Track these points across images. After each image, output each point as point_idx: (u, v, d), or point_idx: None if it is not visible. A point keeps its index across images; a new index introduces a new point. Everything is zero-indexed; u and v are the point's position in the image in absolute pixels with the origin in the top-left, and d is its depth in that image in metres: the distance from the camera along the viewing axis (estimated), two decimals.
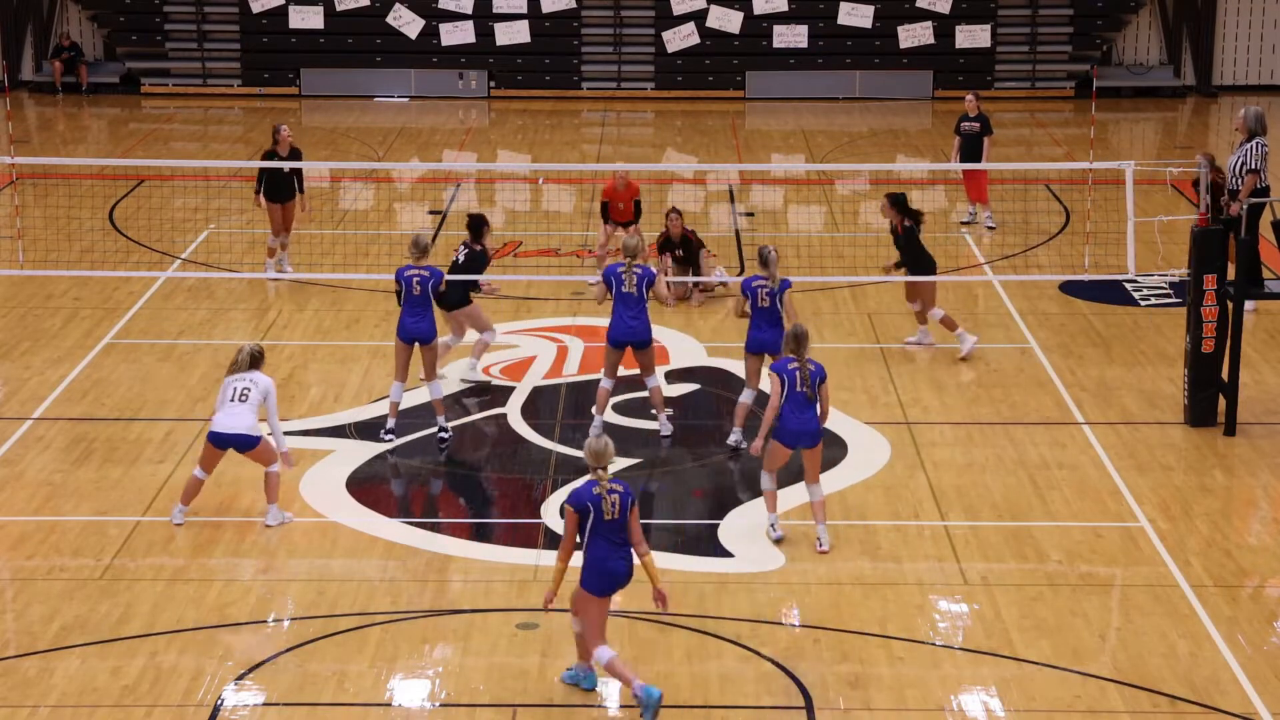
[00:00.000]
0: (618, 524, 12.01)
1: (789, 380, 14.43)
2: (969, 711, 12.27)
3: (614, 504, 11.98)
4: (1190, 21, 36.51)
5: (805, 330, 14.59)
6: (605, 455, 12.03)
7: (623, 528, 12.03)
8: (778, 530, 14.85)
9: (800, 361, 14.45)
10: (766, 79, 35.85)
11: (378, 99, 35.70)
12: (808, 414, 14.46)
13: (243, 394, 14.65)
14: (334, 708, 12.27)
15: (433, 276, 16.95)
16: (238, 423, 14.61)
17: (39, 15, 36.63)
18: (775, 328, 16.52)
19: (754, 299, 16.63)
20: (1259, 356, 19.53)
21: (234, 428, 14.61)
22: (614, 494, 11.99)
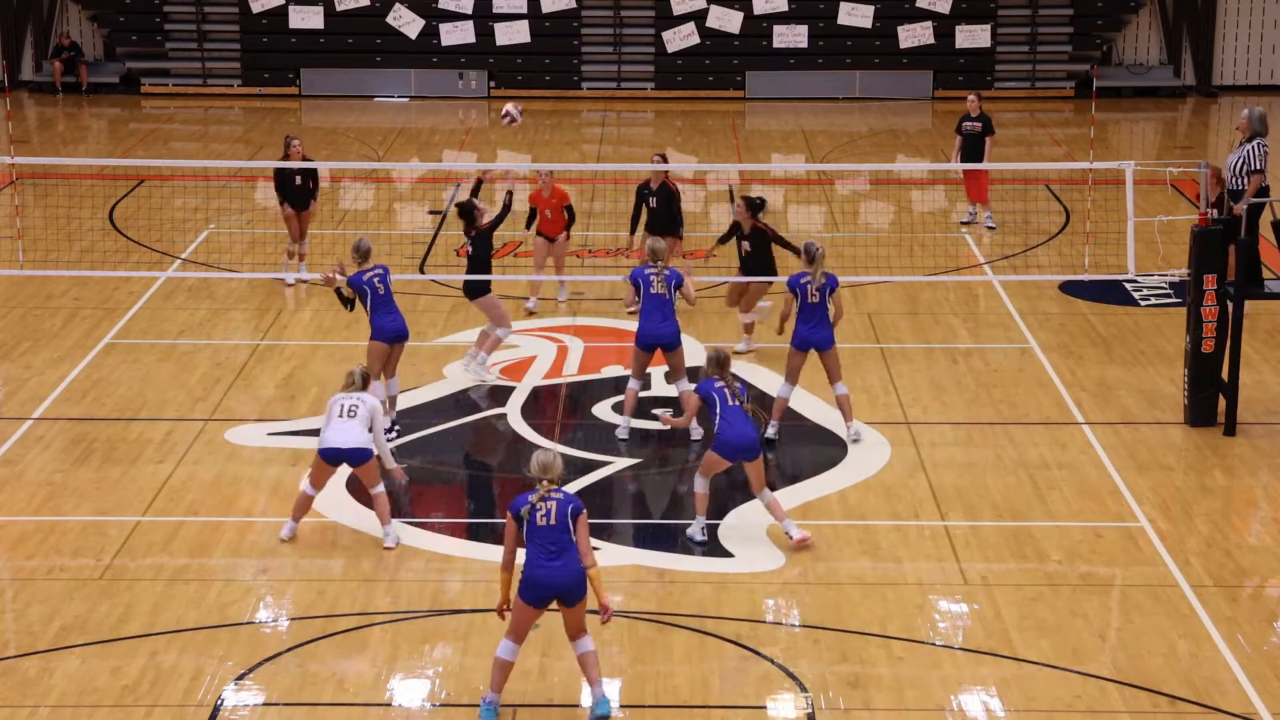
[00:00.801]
0: (552, 531, 11.73)
1: (719, 397, 14.54)
2: (969, 711, 12.27)
3: (549, 510, 11.77)
4: (1190, 21, 36.52)
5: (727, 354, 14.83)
6: (552, 469, 11.89)
7: (557, 535, 11.74)
8: (703, 534, 14.86)
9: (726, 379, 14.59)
10: (766, 79, 35.85)
11: (378, 99, 35.70)
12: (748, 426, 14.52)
13: (351, 410, 14.54)
14: (334, 708, 12.27)
15: (385, 271, 17.13)
16: (350, 437, 14.47)
17: (39, 15, 36.63)
18: (824, 324, 16.65)
19: (803, 295, 16.68)
20: (1259, 356, 19.53)
21: (347, 442, 14.46)
22: (550, 500, 11.79)
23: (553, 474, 11.90)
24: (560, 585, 11.80)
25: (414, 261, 23.56)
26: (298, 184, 21.90)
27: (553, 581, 11.79)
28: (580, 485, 16.06)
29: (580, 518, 11.85)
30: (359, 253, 17.07)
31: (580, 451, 16.92)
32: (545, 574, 11.78)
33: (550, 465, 11.91)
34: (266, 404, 18.13)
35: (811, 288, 16.64)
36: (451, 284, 21.95)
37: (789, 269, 18.25)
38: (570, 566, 11.79)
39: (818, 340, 16.74)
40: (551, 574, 11.78)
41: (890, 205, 27.33)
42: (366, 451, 14.51)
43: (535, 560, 11.82)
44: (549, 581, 11.79)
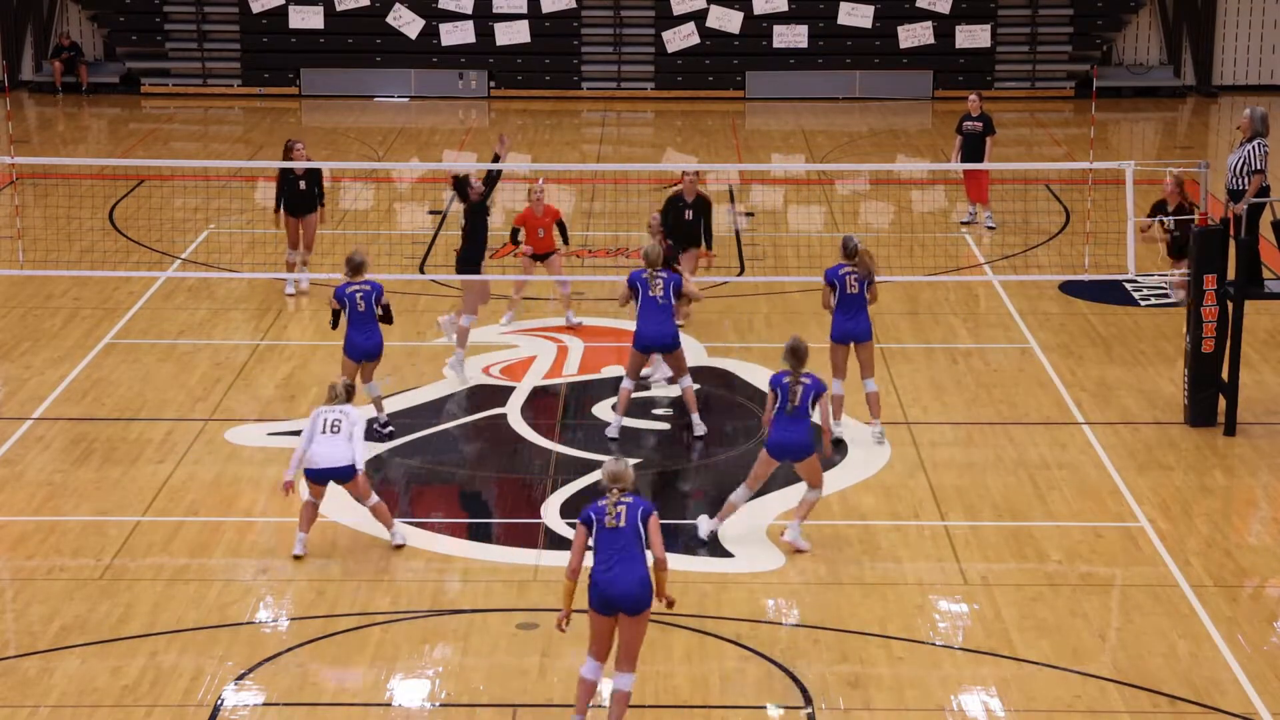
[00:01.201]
0: (620, 533, 11.45)
1: (782, 393, 14.46)
2: (969, 711, 12.27)
3: (618, 514, 11.50)
4: (1190, 21, 36.51)
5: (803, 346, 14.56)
6: (623, 478, 11.62)
7: (627, 539, 11.45)
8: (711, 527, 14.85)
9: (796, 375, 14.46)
10: (766, 79, 35.85)
11: (378, 99, 35.70)
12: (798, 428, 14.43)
13: (334, 425, 14.24)
14: (334, 708, 12.27)
15: (374, 290, 16.74)
16: (335, 454, 14.21)
17: (39, 15, 36.63)
18: (863, 316, 16.70)
19: (841, 287, 16.71)
20: (1259, 356, 19.53)
21: (332, 460, 14.21)
22: (621, 505, 11.54)
23: (624, 482, 11.58)
24: (624, 591, 11.42)
25: (414, 261, 23.56)
26: (301, 189, 21.54)
27: (616, 586, 11.43)
28: (580, 485, 16.06)
29: (651, 519, 11.53)
30: (349, 265, 16.88)
31: (580, 451, 16.92)
32: (609, 578, 11.43)
33: (621, 474, 11.59)
34: (266, 404, 18.13)
35: (851, 279, 16.66)
36: (451, 284, 21.94)
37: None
38: (636, 571, 11.41)
39: (857, 332, 16.78)
40: (616, 578, 11.42)
41: (890, 205, 27.33)
42: (351, 469, 14.26)
43: (600, 564, 11.49)
44: (613, 586, 11.43)
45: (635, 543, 11.47)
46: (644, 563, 11.49)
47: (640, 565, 11.46)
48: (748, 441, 17.27)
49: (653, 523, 11.54)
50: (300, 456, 14.29)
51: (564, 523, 15.29)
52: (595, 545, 11.55)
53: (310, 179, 21.49)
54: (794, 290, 21.57)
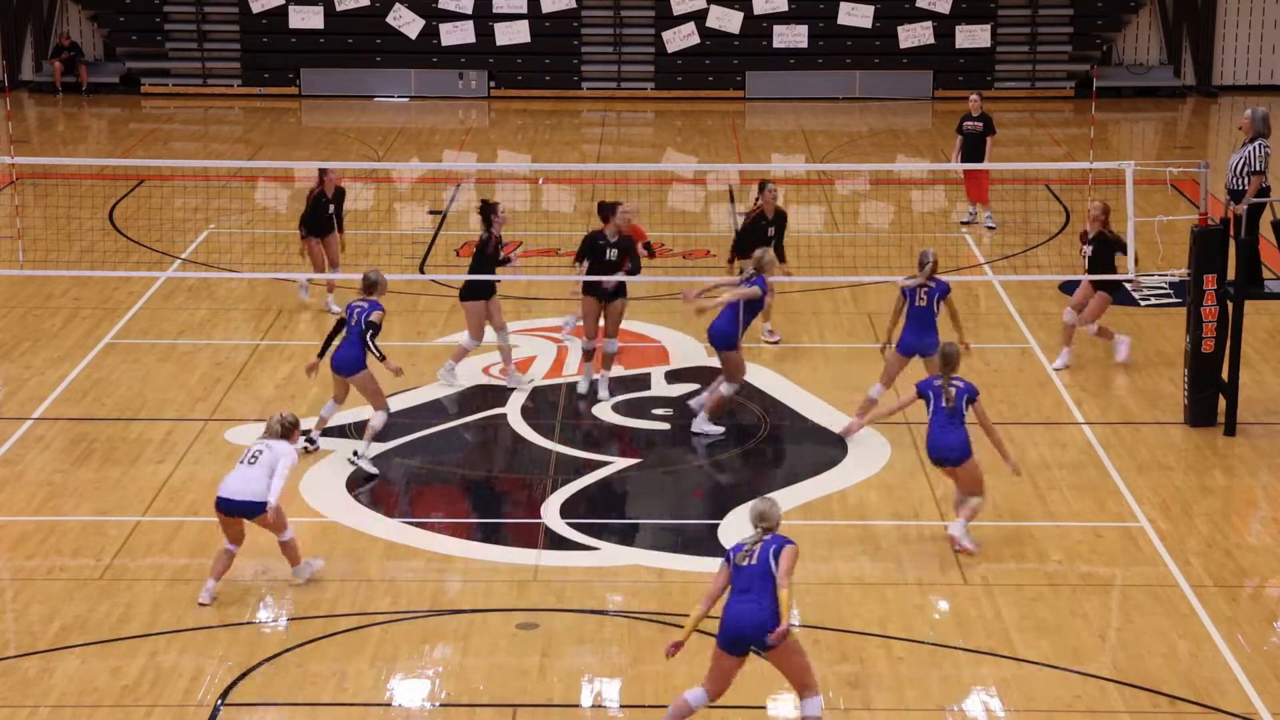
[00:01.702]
0: (751, 571, 11.28)
1: (934, 395, 14.48)
2: (969, 711, 12.27)
3: (752, 551, 11.34)
4: (1190, 21, 36.52)
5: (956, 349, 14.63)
6: (768, 517, 11.49)
7: (755, 575, 11.27)
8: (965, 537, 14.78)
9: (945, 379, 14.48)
10: (766, 79, 35.85)
11: (378, 99, 35.70)
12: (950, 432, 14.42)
13: (253, 456, 13.68)
14: (334, 708, 12.27)
15: (367, 309, 16.27)
16: (244, 488, 13.56)
17: (39, 15, 36.63)
18: (930, 330, 16.77)
19: (911, 298, 16.81)
20: (1259, 356, 19.53)
21: (239, 494, 13.55)
22: (759, 543, 11.38)
23: (769, 522, 11.45)
24: (745, 625, 11.27)
25: (414, 261, 23.56)
26: (330, 213, 20.66)
27: (738, 621, 11.28)
28: (580, 485, 16.07)
29: (785, 551, 11.31)
30: (364, 283, 16.54)
31: (580, 451, 16.93)
32: (733, 614, 11.31)
33: (766, 514, 11.48)
34: (266, 404, 18.12)
35: (921, 291, 16.72)
36: (451, 284, 21.94)
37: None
38: (757, 608, 11.24)
39: (921, 346, 16.84)
40: (738, 614, 11.29)
41: (890, 205, 27.33)
42: (257, 505, 13.51)
43: (729, 600, 11.36)
44: (735, 621, 11.29)
45: (763, 580, 11.29)
46: (771, 598, 11.25)
47: (766, 601, 11.26)
48: (748, 442, 17.28)
49: (785, 554, 11.32)
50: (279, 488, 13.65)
51: (564, 523, 15.30)
52: (731, 584, 11.38)
53: (338, 201, 20.80)
54: (794, 290, 21.55)
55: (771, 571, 11.25)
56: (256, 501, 13.54)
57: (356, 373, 16.22)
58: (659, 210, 26.32)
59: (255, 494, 13.55)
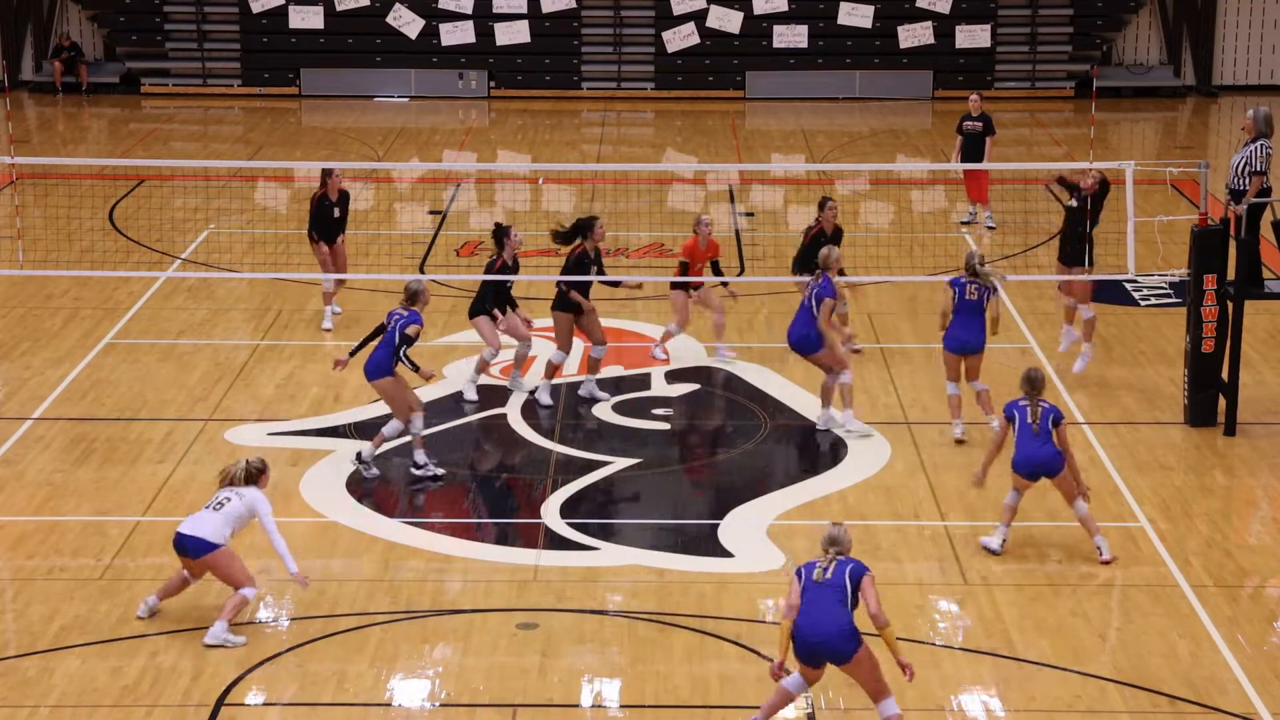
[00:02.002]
0: (827, 586, 11.41)
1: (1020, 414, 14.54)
2: (969, 711, 12.27)
3: (827, 567, 11.49)
4: (1190, 21, 36.51)
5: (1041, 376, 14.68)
6: (840, 541, 11.65)
7: (830, 591, 11.41)
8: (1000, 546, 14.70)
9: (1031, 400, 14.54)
10: (766, 79, 35.84)
11: (378, 99, 35.69)
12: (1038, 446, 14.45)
13: (219, 504, 13.23)
14: (334, 708, 12.27)
15: (406, 319, 16.02)
16: (196, 527, 13.11)
17: (39, 15, 36.62)
18: (978, 328, 16.91)
19: (961, 294, 16.91)
20: (1259, 356, 19.53)
21: (190, 529, 13.12)
22: (833, 561, 11.53)
23: (840, 546, 11.63)
24: (823, 638, 11.41)
25: (414, 261, 23.56)
26: (335, 217, 20.50)
27: (815, 633, 11.41)
28: (580, 485, 16.07)
29: (865, 579, 11.46)
30: (405, 292, 16.29)
31: (580, 451, 16.93)
32: (809, 626, 11.43)
33: (838, 539, 11.64)
34: (266, 404, 18.13)
35: (971, 287, 16.92)
36: (452, 284, 21.95)
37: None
38: (835, 621, 11.38)
39: (969, 342, 17.06)
40: (814, 626, 11.41)
41: (890, 205, 27.33)
42: (206, 544, 13.07)
43: (802, 614, 11.46)
44: (813, 633, 11.42)
45: (838, 596, 11.42)
46: (846, 615, 11.39)
47: (840, 617, 11.38)
48: (747, 441, 17.28)
49: (866, 582, 11.46)
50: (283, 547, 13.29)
51: (564, 523, 15.30)
52: (802, 600, 11.46)
53: (342, 205, 20.63)
54: (794, 290, 21.53)
55: (846, 590, 11.40)
56: (206, 540, 13.07)
57: (380, 378, 16.03)
58: (659, 210, 26.32)
59: (203, 534, 13.07)
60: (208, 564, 13.18)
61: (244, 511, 13.25)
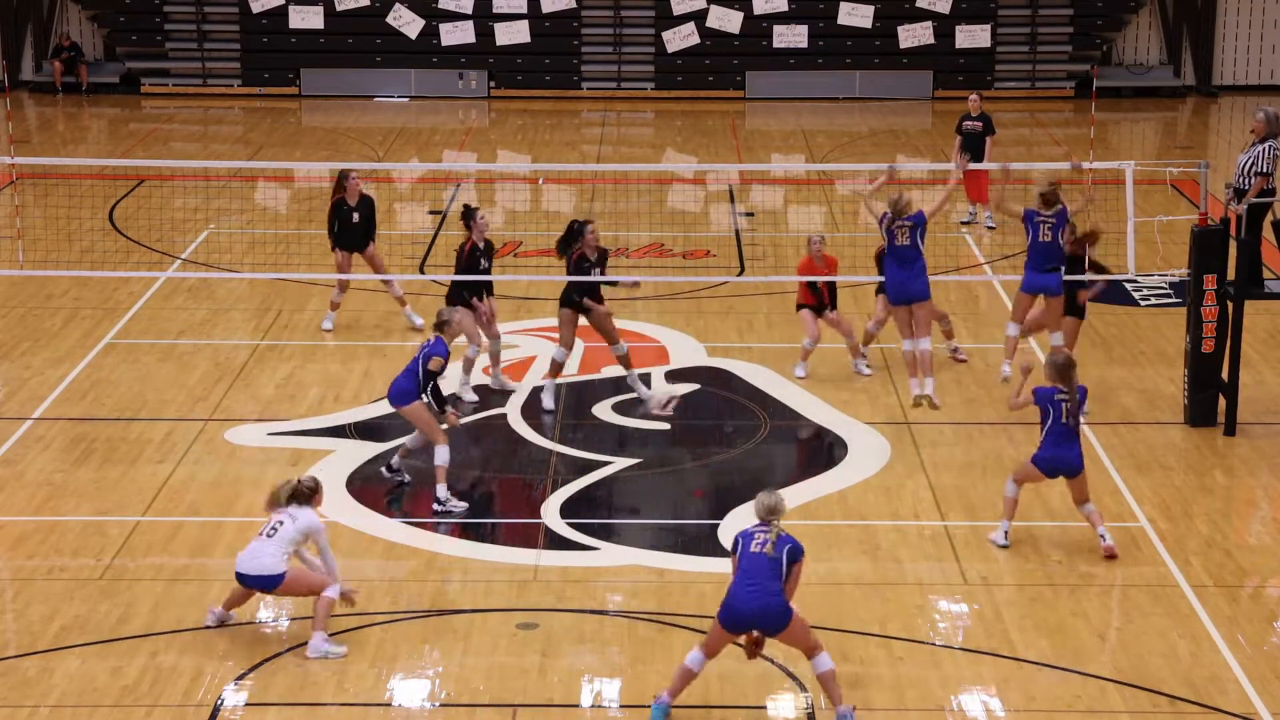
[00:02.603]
0: (768, 560, 11.65)
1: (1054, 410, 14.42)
2: (969, 711, 12.27)
3: (765, 539, 11.72)
4: (1190, 21, 36.51)
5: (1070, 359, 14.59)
6: (778, 510, 11.87)
7: (772, 567, 11.64)
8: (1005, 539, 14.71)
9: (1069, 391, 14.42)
10: (766, 79, 35.85)
11: (378, 99, 35.70)
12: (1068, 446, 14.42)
13: (272, 530, 13.00)
14: (334, 708, 12.27)
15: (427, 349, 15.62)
16: (257, 564, 12.90)
17: (39, 15, 36.63)
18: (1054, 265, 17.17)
19: (1035, 232, 17.33)
20: (1259, 356, 19.53)
21: (253, 569, 12.91)
22: (770, 531, 11.76)
23: (778, 515, 11.84)
24: (750, 616, 11.69)
25: (414, 261, 23.56)
26: (355, 222, 19.94)
27: (747, 609, 11.67)
28: (580, 485, 16.07)
29: (799, 564, 11.73)
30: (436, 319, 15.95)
31: (580, 451, 16.92)
32: (740, 601, 11.67)
33: (777, 508, 11.85)
34: (266, 404, 18.13)
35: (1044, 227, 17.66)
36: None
37: None
38: (767, 596, 11.63)
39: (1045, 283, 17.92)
40: (745, 600, 11.66)
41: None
42: (270, 578, 12.91)
43: (738, 583, 11.71)
44: (743, 609, 11.67)
45: (775, 570, 11.67)
46: (779, 587, 11.66)
47: (777, 591, 11.65)
48: (747, 441, 17.28)
49: (798, 568, 11.75)
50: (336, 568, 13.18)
51: (564, 523, 15.30)
52: (738, 565, 11.74)
53: (364, 211, 19.98)
54: (794, 290, 21.53)
55: (783, 567, 11.65)
56: (267, 576, 12.90)
57: (407, 404, 15.64)
58: (659, 210, 26.32)
59: (267, 569, 12.88)
60: (280, 594, 13.05)
61: (297, 535, 12.95)
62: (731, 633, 11.84)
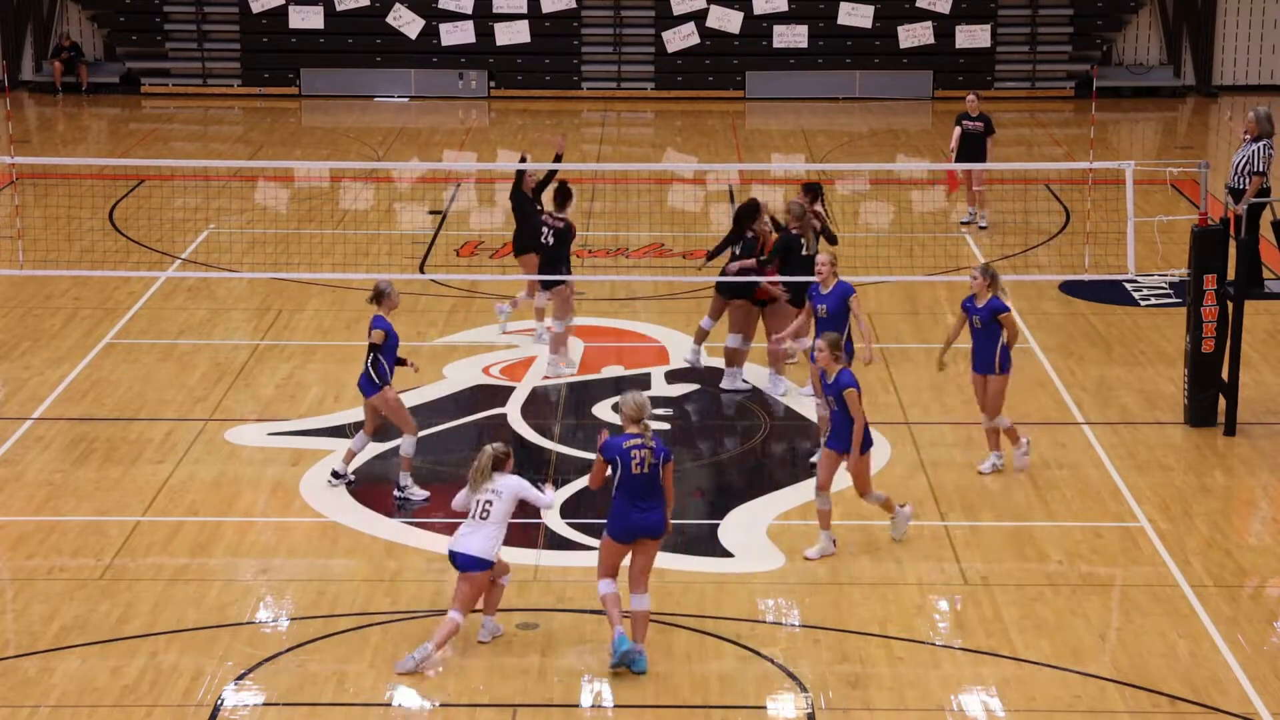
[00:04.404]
0: (644, 479, 12.51)
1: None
2: (969, 711, 12.27)
3: (643, 459, 12.50)
4: (1190, 21, 36.51)
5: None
6: (646, 409, 12.61)
7: (649, 484, 12.52)
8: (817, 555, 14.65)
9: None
10: (766, 79, 35.84)
11: (378, 99, 35.69)
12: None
13: (484, 510, 12.98)
14: (334, 708, 12.27)
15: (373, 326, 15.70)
16: (468, 544, 12.87)
17: (39, 15, 36.62)
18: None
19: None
20: (1259, 356, 19.53)
21: (464, 548, 12.87)
22: (645, 449, 12.50)
23: (642, 415, 12.63)
24: (648, 529, 12.59)
25: (414, 261, 23.56)
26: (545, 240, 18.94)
27: (640, 525, 12.57)
28: (580, 485, 16.06)
29: (669, 465, 12.63)
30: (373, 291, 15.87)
31: (580, 451, 16.92)
32: (635, 519, 12.54)
33: (645, 405, 12.65)
34: (266, 404, 18.13)
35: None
36: (451, 284, 21.95)
37: None
38: (656, 512, 12.58)
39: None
40: (639, 519, 12.55)
41: (890, 205, 27.33)
42: (481, 562, 12.85)
43: (626, 507, 12.57)
44: (639, 525, 12.56)
45: (658, 486, 12.60)
46: (661, 503, 12.61)
47: (659, 506, 12.61)
48: (748, 441, 17.28)
49: (669, 470, 12.64)
50: (549, 499, 13.33)
51: (564, 523, 15.30)
52: (620, 485, 12.55)
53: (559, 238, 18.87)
54: None
55: (660, 481, 12.60)
56: (480, 558, 12.84)
57: (371, 394, 15.69)
58: (659, 210, 26.32)
59: (478, 550, 12.84)
60: (473, 582, 12.88)
61: (510, 506, 13.01)
62: (623, 545, 12.64)
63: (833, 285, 16.22)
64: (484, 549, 12.85)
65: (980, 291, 15.96)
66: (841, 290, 16.16)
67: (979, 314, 15.99)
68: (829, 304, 16.14)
